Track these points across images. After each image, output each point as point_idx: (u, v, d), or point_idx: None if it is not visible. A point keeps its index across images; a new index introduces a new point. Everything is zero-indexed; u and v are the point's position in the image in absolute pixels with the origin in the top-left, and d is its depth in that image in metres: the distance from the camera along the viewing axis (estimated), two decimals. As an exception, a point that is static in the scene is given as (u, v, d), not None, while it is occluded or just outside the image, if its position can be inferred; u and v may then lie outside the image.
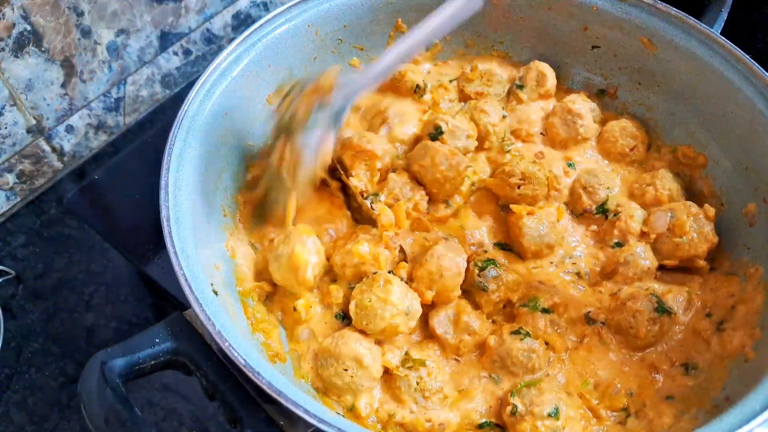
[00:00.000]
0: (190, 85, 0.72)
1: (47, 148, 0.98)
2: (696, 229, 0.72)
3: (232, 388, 0.57)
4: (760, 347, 0.64)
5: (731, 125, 0.72)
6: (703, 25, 0.78)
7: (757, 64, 0.74)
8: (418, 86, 0.85)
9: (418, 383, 0.63)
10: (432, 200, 0.77)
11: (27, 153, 0.96)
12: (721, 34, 0.80)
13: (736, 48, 0.75)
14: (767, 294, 0.67)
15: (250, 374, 0.53)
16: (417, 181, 0.76)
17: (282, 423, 0.57)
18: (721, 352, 0.66)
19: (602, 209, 0.76)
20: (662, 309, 0.68)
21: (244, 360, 0.54)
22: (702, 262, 0.73)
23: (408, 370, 0.64)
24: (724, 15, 0.86)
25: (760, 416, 0.53)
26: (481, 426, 0.63)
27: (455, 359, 0.67)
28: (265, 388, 0.53)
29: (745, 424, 0.53)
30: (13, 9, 0.83)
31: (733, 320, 0.68)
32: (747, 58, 0.74)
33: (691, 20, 0.78)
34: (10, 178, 0.96)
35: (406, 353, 0.66)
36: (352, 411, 0.63)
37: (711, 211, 0.74)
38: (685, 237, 0.72)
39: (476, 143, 0.81)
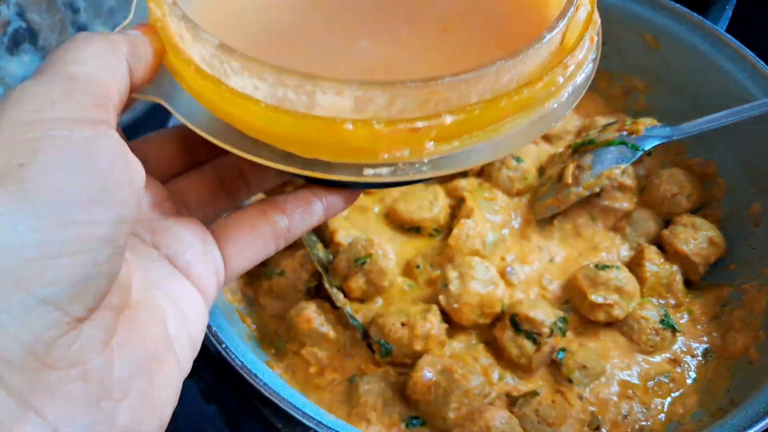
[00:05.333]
0: (188, 83, 0.71)
1: (43, 146, 0.97)
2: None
3: (229, 391, 0.57)
4: (764, 349, 0.63)
5: (736, 123, 0.72)
6: (707, 22, 0.78)
7: (761, 62, 0.73)
8: None
9: (537, 415, 0.61)
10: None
11: (23, 152, 0.95)
12: (726, 31, 0.79)
13: (741, 45, 0.75)
14: (772, 295, 0.67)
15: (247, 376, 0.53)
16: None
17: (280, 426, 0.56)
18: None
19: None
20: (668, 323, 0.67)
21: (241, 362, 0.53)
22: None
23: (524, 406, 0.61)
24: (729, 12, 0.86)
25: (766, 418, 0.53)
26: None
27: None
28: (261, 390, 0.52)
29: (750, 427, 0.52)
30: (8, 6, 0.82)
31: (737, 322, 0.68)
32: (752, 55, 0.74)
33: (696, 17, 0.78)
34: (6, 177, 0.96)
35: (508, 394, 0.63)
36: None
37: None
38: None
39: None
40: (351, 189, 0.39)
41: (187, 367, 0.31)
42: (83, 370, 0.24)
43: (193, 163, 0.39)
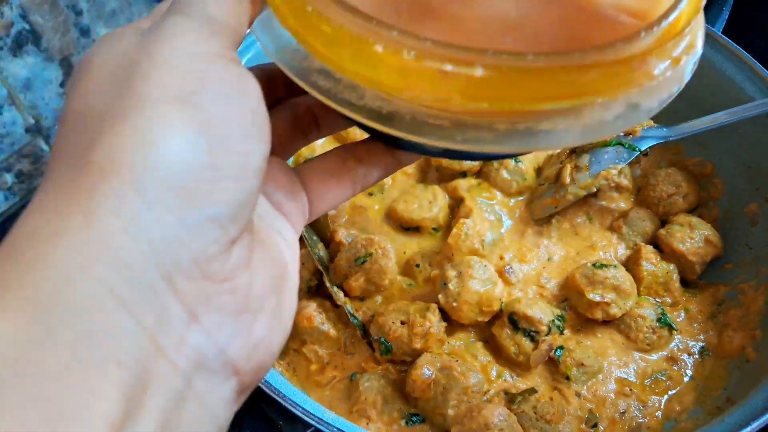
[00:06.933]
0: (189, 84, 0.72)
1: (46, 147, 0.98)
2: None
3: (230, 389, 0.57)
4: (761, 348, 0.64)
5: (733, 124, 0.72)
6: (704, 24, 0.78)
7: (758, 63, 0.74)
8: None
9: (535, 412, 0.61)
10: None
11: (26, 152, 0.96)
12: (722, 33, 0.80)
13: (737, 47, 0.75)
14: (768, 295, 0.67)
15: (248, 374, 0.53)
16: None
17: (281, 423, 0.57)
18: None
19: None
20: (665, 322, 0.68)
21: (243, 360, 0.54)
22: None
23: (522, 403, 0.62)
24: (726, 14, 0.86)
25: (762, 417, 0.53)
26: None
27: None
28: (263, 387, 0.53)
29: (747, 425, 0.53)
30: (11, 8, 0.83)
31: (734, 321, 0.68)
32: (749, 57, 0.74)
33: (693, 19, 0.78)
34: (9, 178, 0.96)
35: (506, 391, 0.64)
36: None
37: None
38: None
39: None
40: (413, 152, 0.39)
41: (297, 286, 0.33)
42: (233, 285, 0.27)
43: (274, 100, 0.40)
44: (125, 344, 0.23)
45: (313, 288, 0.71)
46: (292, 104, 0.40)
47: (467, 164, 0.80)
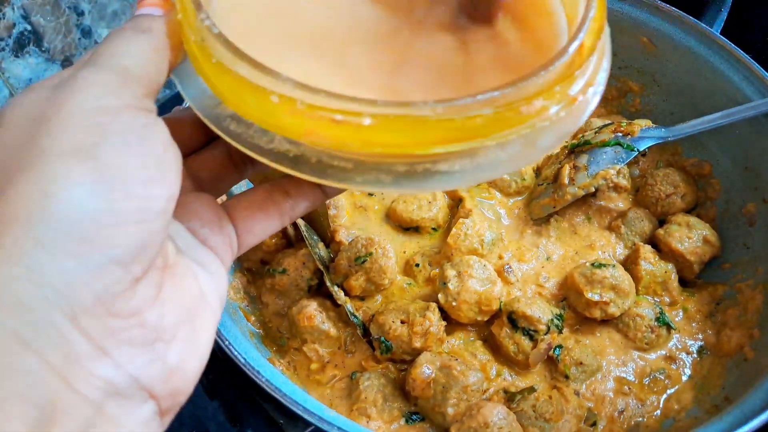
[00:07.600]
0: (190, 85, 0.72)
1: (47, 147, 0.98)
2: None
3: (232, 387, 0.57)
4: (759, 347, 0.64)
5: (731, 125, 0.73)
6: (702, 24, 0.78)
7: (756, 64, 0.74)
8: None
9: (534, 410, 0.62)
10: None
11: (27, 153, 0.96)
12: (720, 33, 0.80)
13: (735, 47, 0.75)
14: (766, 294, 0.67)
15: (249, 373, 0.54)
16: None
17: (282, 422, 0.57)
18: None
19: None
20: (663, 321, 0.68)
21: (244, 359, 0.54)
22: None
23: (521, 402, 0.62)
24: (724, 15, 0.86)
25: (760, 416, 0.53)
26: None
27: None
28: (264, 386, 0.53)
29: (745, 424, 0.53)
30: (13, 9, 0.83)
31: (732, 320, 0.69)
32: (746, 57, 0.75)
33: (691, 20, 0.79)
34: (11, 178, 0.96)
35: (505, 390, 0.64)
36: None
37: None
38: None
39: None
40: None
41: (218, 316, 0.34)
42: (141, 319, 0.28)
43: (208, 138, 0.42)
44: (30, 381, 0.24)
45: (314, 287, 0.71)
46: (225, 141, 0.42)
47: None
